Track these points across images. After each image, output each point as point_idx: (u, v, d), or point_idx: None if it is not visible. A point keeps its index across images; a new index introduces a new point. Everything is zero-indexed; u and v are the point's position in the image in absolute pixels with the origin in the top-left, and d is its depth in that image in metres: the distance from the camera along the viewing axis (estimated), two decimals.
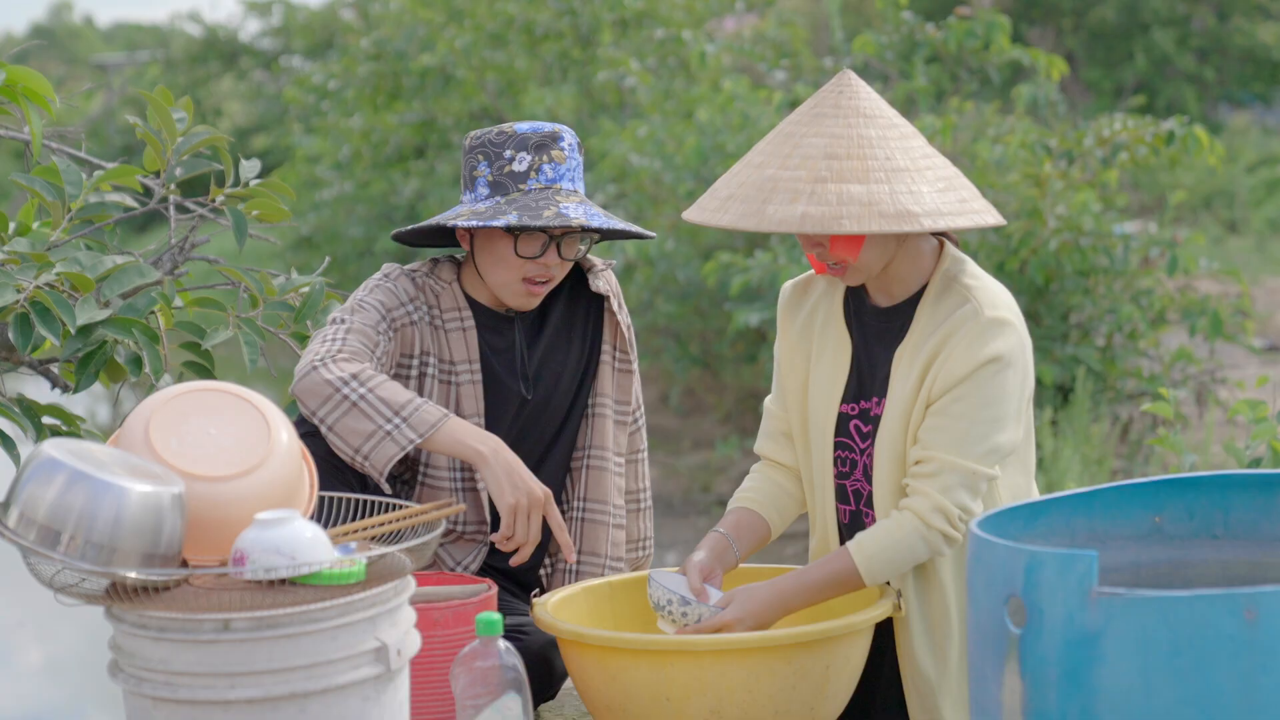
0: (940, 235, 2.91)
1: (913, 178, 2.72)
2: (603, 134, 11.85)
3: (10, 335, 3.12)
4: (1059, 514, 2.24)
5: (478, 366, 3.17)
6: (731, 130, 9.60)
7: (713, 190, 2.81)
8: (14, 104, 3.27)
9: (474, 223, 3.04)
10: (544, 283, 3.13)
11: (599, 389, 3.27)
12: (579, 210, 3.06)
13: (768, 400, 3.11)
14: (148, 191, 3.53)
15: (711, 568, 2.92)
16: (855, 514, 2.96)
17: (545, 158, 3.10)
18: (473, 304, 3.20)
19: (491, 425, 3.17)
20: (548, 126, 3.12)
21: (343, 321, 3.06)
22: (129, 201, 3.45)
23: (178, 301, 3.40)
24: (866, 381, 2.92)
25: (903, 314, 2.88)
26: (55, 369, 3.48)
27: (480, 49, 13.82)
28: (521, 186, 3.09)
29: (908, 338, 2.86)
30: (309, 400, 2.94)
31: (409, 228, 3.18)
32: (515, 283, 3.12)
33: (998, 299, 2.82)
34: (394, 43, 14.49)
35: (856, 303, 2.95)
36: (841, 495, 2.97)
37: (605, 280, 3.26)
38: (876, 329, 2.91)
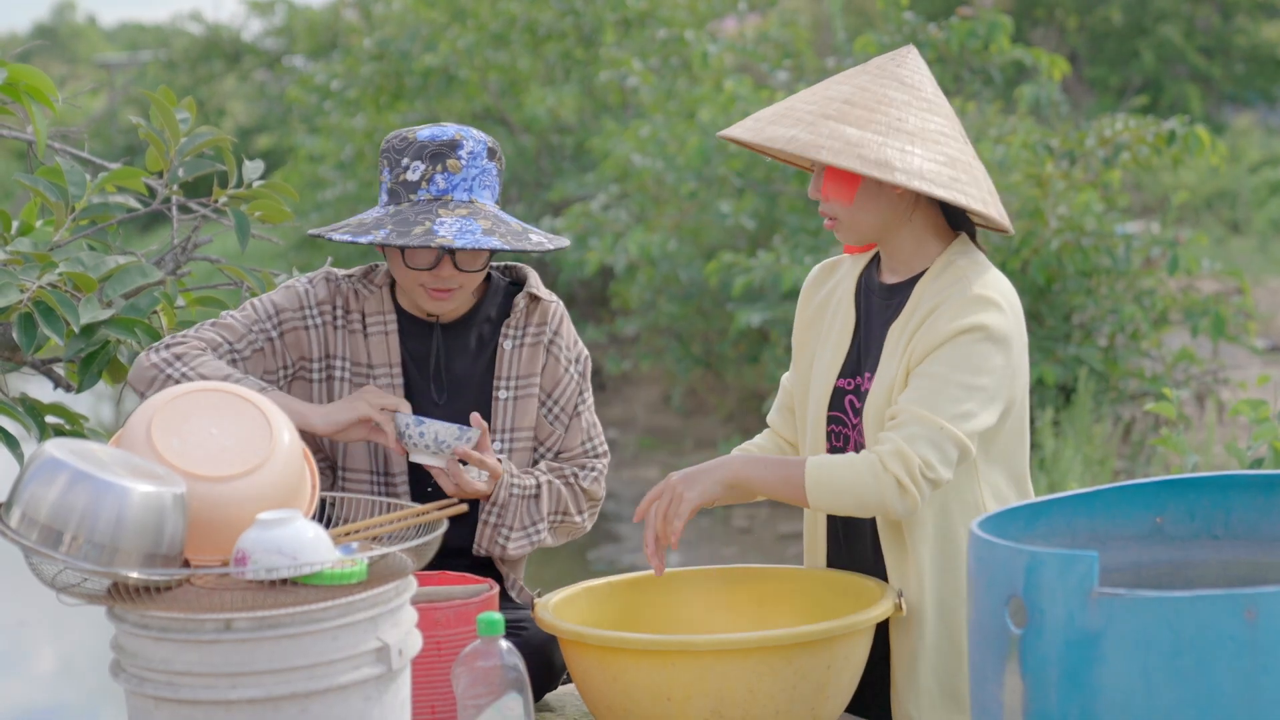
0: (957, 228, 2.90)
1: (913, 141, 2.75)
2: (605, 134, 11.86)
3: (14, 335, 3.12)
4: (1060, 514, 2.24)
5: (398, 370, 3.13)
6: None
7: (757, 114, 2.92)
8: (17, 103, 3.27)
9: (345, 236, 3.00)
10: (448, 289, 3.07)
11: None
12: (452, 229, 2.97)
13: (785, 374, 3.16)
14: (151, 191, 3.54)
15: None
16: None
17: (439, 167, 3.02)
18: (399, 310, 3.17)
19: None
20: (450, 133, 3.05)
21: (221, 317, 3.08)
22: (132, 202, 3.46)
23: (180, 301, 3.41)
24: (864, 357, 2.93)
25: (903, 291, 2.90)
26: (58, 368, 3.49)
27: (483, 49, 13.84)
28: (411, 197, 3.03)
29: (902, 314, 2.87)
30: (137, 385, 2.97)
31: (322, 230, 3.11)
32: (416, 289, 3.08)
33: (992, 284, 2.80)
34: (397, 43, 14.50)
35: (868, 280, 2.98)
36: None
37: (549, 314, 3.19)
38: (879, 305, 2.93)
